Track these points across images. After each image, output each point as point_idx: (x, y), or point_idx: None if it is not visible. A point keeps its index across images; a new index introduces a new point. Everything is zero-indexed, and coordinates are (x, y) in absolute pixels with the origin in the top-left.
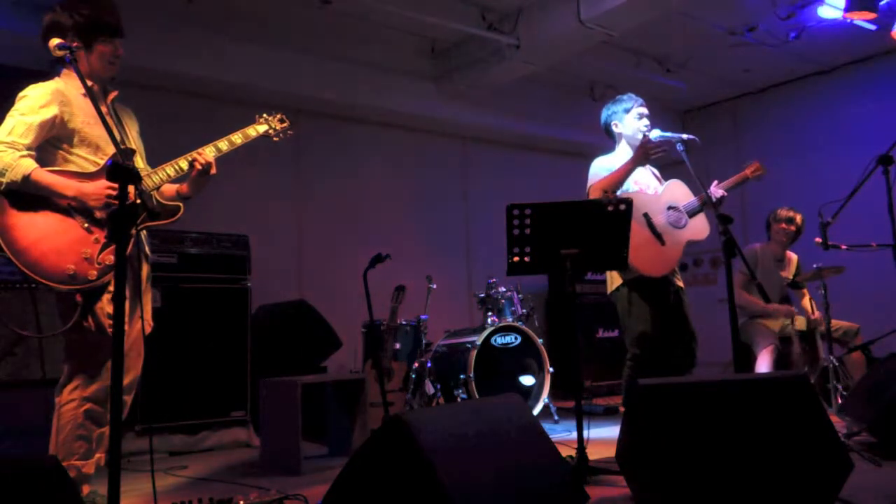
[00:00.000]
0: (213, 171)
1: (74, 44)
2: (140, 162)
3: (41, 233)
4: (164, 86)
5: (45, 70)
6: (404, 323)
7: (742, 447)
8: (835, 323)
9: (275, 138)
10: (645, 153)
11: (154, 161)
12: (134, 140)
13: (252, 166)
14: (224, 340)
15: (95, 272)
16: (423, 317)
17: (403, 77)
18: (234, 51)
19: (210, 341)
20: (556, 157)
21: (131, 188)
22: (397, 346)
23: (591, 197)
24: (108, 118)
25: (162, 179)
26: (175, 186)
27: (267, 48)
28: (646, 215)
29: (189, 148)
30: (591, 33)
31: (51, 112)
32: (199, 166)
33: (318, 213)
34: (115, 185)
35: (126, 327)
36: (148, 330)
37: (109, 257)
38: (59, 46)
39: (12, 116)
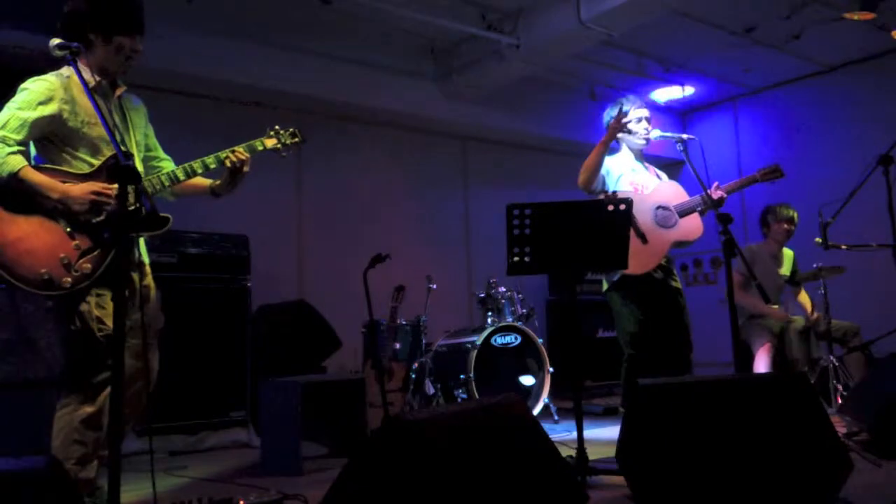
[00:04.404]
0: (247, 168)
1: (75, 44)
2: (139, 164)
3: (21, 232)
4: (164, 86)
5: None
6: (404, 323)
7: (742, 447)
8: (834, 323)
9: (283, 154)
10: (616, 127)
11: None
12: (137, 140)
13: (252, 166)
14: (224, 340)
15: (71, 279)
16: (423, 317)
17: (403, 77)
18: (233, 51)
19: (210, 341)
20: (557, 157)
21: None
22: (397, 346)
23: (581, 178)
24: (108, 117)
25: (153, 185)
26: (208, 182)
27: (267, 48)
28: None
29: (187, 147)
30: (591, 33)
31: (49, 110)
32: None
33: (318, 213)
34: (100, 190)
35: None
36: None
37: (87, 265)
38: (59, 46)
39: (9, 108)
